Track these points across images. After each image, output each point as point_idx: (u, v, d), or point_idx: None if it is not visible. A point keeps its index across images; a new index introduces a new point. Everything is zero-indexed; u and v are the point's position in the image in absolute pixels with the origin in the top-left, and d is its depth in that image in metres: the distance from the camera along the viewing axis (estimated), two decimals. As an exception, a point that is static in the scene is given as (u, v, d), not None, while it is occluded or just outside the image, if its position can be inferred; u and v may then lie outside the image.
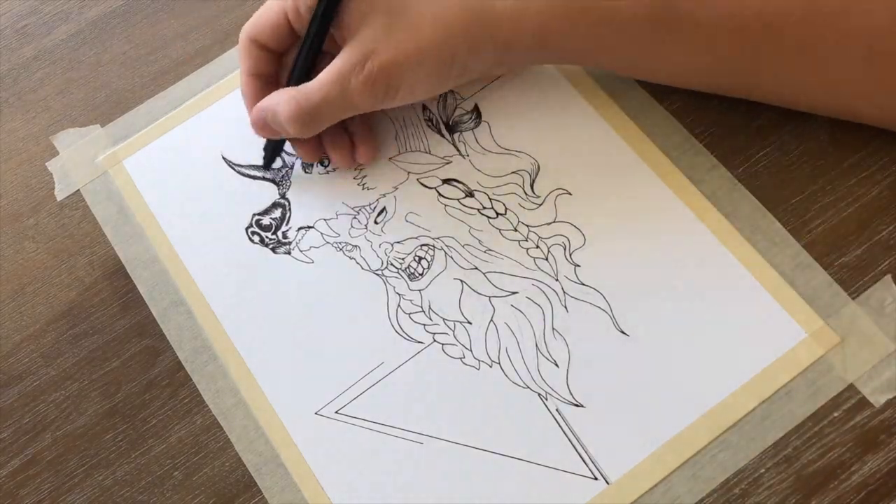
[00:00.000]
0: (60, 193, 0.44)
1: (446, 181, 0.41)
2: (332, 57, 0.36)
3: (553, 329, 0.38)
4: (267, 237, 0.41)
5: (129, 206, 0.43)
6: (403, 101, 0.36)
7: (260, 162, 0.43)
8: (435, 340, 0.39)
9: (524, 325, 0.38)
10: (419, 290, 0.39)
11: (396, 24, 0.33)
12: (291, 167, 0.43)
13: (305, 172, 0.42)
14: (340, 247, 0.41)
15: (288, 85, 0.38)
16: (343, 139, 0.40)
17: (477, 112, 0.43)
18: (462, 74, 0.36)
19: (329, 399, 0.38)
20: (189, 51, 0.46)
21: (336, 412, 0.38)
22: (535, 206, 0.40)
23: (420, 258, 0.40)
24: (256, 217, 0.42)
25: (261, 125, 0.38)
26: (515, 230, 0.40)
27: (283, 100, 0.36)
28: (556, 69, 0.43)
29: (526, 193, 0.41)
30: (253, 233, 0.42)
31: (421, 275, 0.40)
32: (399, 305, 0.39)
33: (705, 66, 0.34)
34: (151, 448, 0.38)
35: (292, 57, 0.38)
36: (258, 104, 0.38)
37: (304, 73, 0.38)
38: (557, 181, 0.41)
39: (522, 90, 0.43)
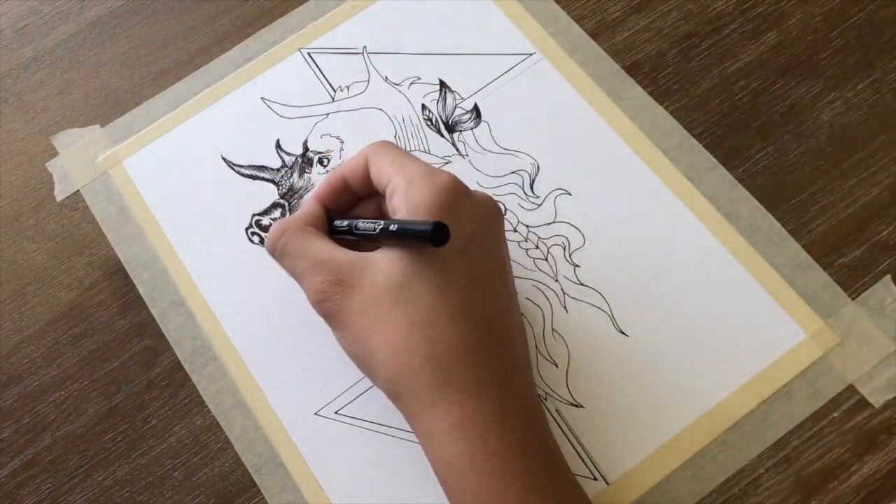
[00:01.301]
0: (60, 194, 0.44)
1: (446, 181, 0.41)
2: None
3: (553, 329, 0.38)
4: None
5: (129, 206, 0.43)
6: (334, 336, 0.34)
7: (259, 162, 0.43)
8: (435, 341, 0.38)
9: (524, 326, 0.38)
10: (419, 291, 0.39)
11: (383, 316, 0.31)
12: (291, 167, 0.43)
13: (305, 173, 0.42)
14: (340, 247, 0.41)
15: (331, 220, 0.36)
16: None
17: (477, 112, 0.43)
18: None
19: (328, 399, 0.38)
20: (189, 51, 0.46)
21: (336, 413, 0.38)
22: (534, 207, 0.40)
23: (420, 258, 0.40)
24: (256, 217, 0.42)
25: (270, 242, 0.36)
26: (515, 230, 0.40)
27: (286, 222, 0.34)
28: (555, 69, 0.43)
29: (525, 193, 0.41)
30: (253, 233, 0.42)
31: (421, 275, 0.40)
32: (399, 306, 0.39)
33: None
34: (151, 448, 0.38)
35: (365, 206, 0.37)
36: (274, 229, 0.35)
37: (337, 230, 0.35)
38: (557, 181, 0.41)
39: (522, 90, 0.43)
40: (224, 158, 0.43)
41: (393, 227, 0.31)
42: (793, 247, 0.39)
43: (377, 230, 0.32)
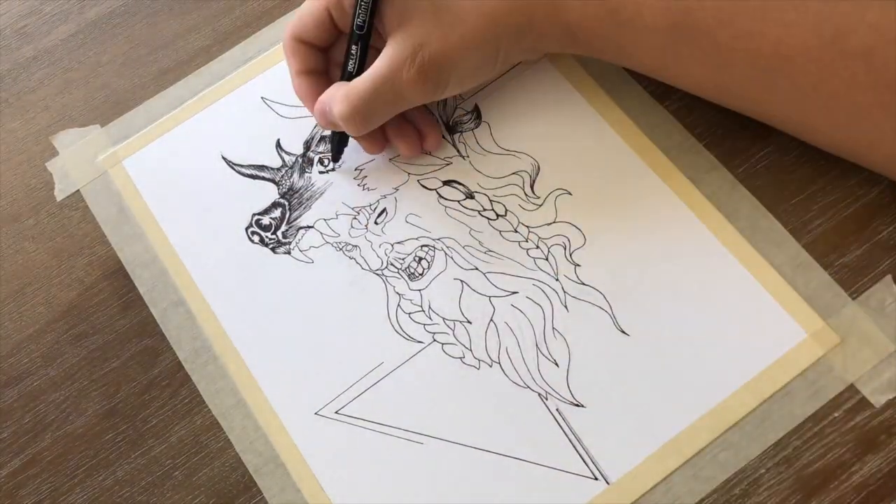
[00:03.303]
0: (60, 194, 0.44)
1: (447, 182, 0.41)
2: (377, 51, 0.36)
3: (553, 329, 0.38)
4: (267, 237, 0.41)
5: (129, 206, 0.43)
6: (452, 93, 0.36)
7: (259, 162, 0.43)
8: (435, 340, 0.38)
9: (524, 325, 0.38)
10: (419, 290, 0.39)
11: (442, 17, 0.33)
12: (291, 167, 0.43)
13: (305, 172, 0.42)
14: (340, 247, 0.41)
15: (341, 80, 0.38)
16: (408, 129, 0.40)
17: (477, 112, 0.43)
18: (505, 62, 0.37)
19: (329, 399, 0.38)
20: (189, 51, 0.46)
21: (336, 412, 0.38)
22: (535, 207, 0.40)
23: (420, 258, 0.40)
24: (256, 217, 0.42)
25: (323, 121, 0.38)
26: (516, 231, 0.40)
27: (336, 97, 0.36)
28: (555, 69, 0.43)
29: (526, 194, 0.41)
30: (253, 233, 0.42)
31: (421, 275, 0.40)
32: (399, 305, 0.39)
33: (722, 85, 0.34)
34: (151, 448, 0.38)
35: (339, 52, 0.38)
36: (319, 99, 0.38)
37: (356, 68, 0.37)
38: (557, 181, 0.41)
39: (522, 91, 0.43)
40: (224, 158, 0.43)
41: None
42: (793, 246, 0.39)
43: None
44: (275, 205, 0.42)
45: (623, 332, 0.38)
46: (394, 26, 0.35)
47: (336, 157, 0.42)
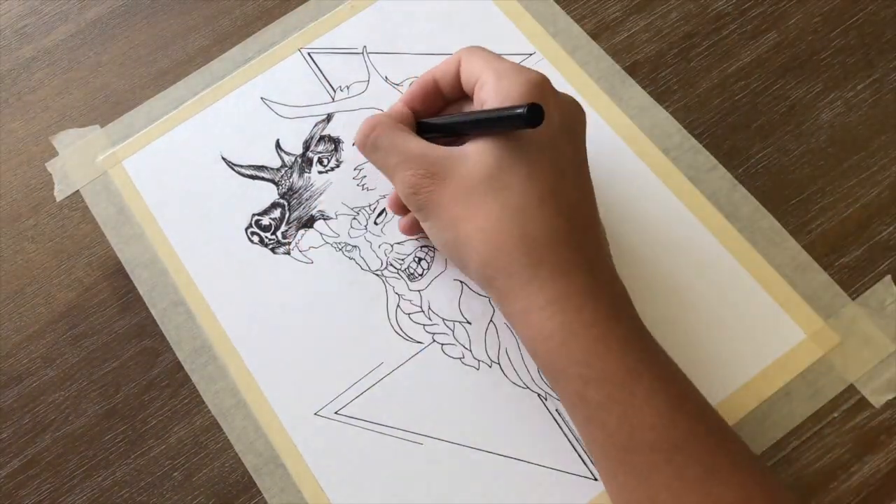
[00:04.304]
0: (60, 194, 0.44)
1: (446, 181, 0.41)
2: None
3: (553, 329, 0.38)
4: (266, 237, 0.41)
5: (129, 206, 0.43)
6: (424, 228, 0.35)
7: (259, 162, 0.43)
8: (434, 341, 0.38)
9: (524, 326, 0.38)
10: (419, 291, 0.39)
11: (475, 205, 0.32)
12: (291, 167, 0.43)
13: (305, 173, 0.42)
14: (340, 247, 0.41)
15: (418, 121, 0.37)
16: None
17: (477, 112, 0.43)
18: (467, 276, 0.37)
19: (328, 399, 0.38)
20: (189, 51, 0.46)
21: (336, 413, 0.38)
22: (534, 207, 0.40)
23: (420, 259, 0.40)
24: (256, 217, 0.42)
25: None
26: (515, 230, 0.40)
27: (378, 118, 0.35)
28: (555, 69, 0.43)
29: (526, 194, 0.41)
30: (252, 233, 0.42)
31: (421, 275, 0.40)
32: (399, 306, 0.39)
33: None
34: (151, 449, 0.38)
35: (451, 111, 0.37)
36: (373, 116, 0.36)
37: (426, 128, 0.36)
38: (557, 181, 0.41)
39: (522, 90, 0.43)
40: (224, 158, 0.43)
41: (486, 116, 0.32)
42: (793, 247, 0.39)
43: (468, 121, 0.33)
44: (274, 205, 0.42)
45: (623, 332, 0.38)
46: (466, 153, 0.33)
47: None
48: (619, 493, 0.31)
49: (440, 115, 0.37)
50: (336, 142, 0.43)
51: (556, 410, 0.37)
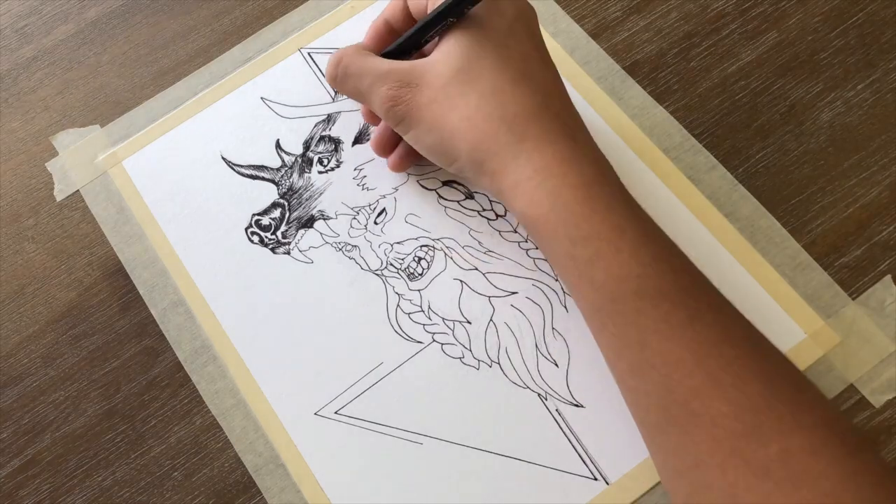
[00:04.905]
0: (60, 194, 0.44)
1: (446, 183, 0.41)
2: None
3: (553, 329, 0.38)
4: (266, 237, 0.41)
5: (129, 206, 0.43)
6: (408, 140, 0.37)
7: (259, 162, 0.43)
8: (434, 340, 0.38)
9: (524, 325, 0.38)
10: (419, 290, 0.39)
11: (453, 98, 0.34)
12: (291, 167, 0.43)
13: (305, 173, 0.42)
14: (340, 247, 0.41)
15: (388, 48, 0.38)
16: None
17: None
18: (458, 174, 0.38)
19: (328, 399, 0.38)
20: (188, 51, 0.46)
21: (335, 412, 0.38)
22: (534, 207, 0.40)
23: (420, 258, 0.40)
24: (256, 217, 0.42)
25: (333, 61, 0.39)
26: (515, 231, 0.40)
27: (342, 50, 0.37)
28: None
29: (526, 194, 0.41)
30: (252, 233, 0.42)
31: (421, 275, 0.40)
32: (398, 305, 0.39)
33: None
34: (151, 449, 0.38)
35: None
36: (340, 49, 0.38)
37: (397, 50, 0.38)
38: (557, 181, 0.41)
39: (522, 90, 0.43)
40: (224, 158, 0.43)
41: (441, 8, 0.34)
42: (793, 247, 0.39)
43: (421, 25, 0.35)
44: (274, 205, 0.42)
45: (623, 332, 0.38)
46: (432, 55, 0.35)
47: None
48: (609, 343, 0.33)
49: None
50: (336, 142, 0.43)
51: (556, 410, 0.37)
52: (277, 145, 0.43)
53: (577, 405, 0.37)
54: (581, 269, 0.32)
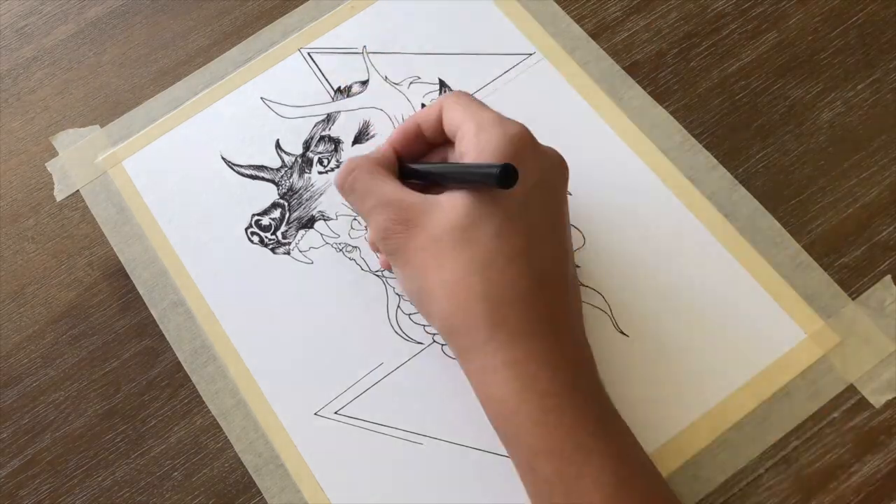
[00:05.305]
0: (60, 194, 0.44)
1: (446, 182, 0.41)
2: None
3: (553, 329, 0.38)
4: (266, 237, 0.41)
5: (129, 206, 0.43)
6: (395, 275, 0.35)
7: (259, 162, 0.43)
8: (434, 341, 0.38)
9: (524, 326, 0.38)
10: (419, 291, 0.39)
11: (443, 254, 0.31)
12: (291, 167, 0.43)
13: (305, 173, 0.42)
14: (340, 247, 0.41)
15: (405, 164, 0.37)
16: None
17: (477, 112, 0.43)
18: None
19: (328, 400, 0.38)
20: (188, 51, 0.46)
21: (336, 413, 0.38)
22: (534, 207, 0.40)
23: (420, 258, 0.40)
24: (256, 217, 0.42)
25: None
26: (515, 230, 0.40)
27: (358, 161, 0.35)
28: (555, 70, 0.43)
29: (526, 194, 0.41)
30: (252, 233, 0.41)
31: (421, 275, 0.40)
32: (399, 306, 0.39)
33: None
34: (151, 449, 0.38)
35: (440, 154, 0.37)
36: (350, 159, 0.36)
37: (408, 173, 0.36)
38: (557, 181, 0.41)
39: (522, 90, 0.43)
40: (224, 158, 0.43)
41: (460, 170, 0.32)
42: (793, 247, 0.39)
43: (444, 172, 0.33)
44: (274, 205, 0.42)
45: (622, 332, 0.38)
46: (439, 201, 0.32)
47: None
48: None
49: (424, 158, 0.37)
50: (336, 142, 0.43)
51: (556, 410, 0.37)
52: (277, 145, 0.43)
53: (577, 405, 0.37)
54: (539, 485, 0.30)
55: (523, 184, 0.31)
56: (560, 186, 0.34)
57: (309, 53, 0.45)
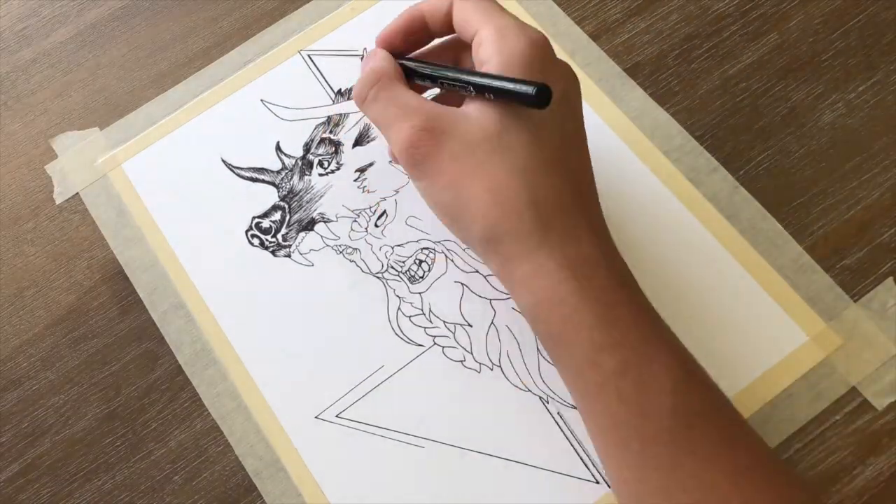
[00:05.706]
0: (59, 197, 0.43)
1: (447, 184, 0.41)
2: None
3: (554, 332, 0.38)
4: (267, 240, 0.41)
5: (129, 209, 0.43)
6: (418, 190, 0.34)
7: (259, 164, 0.43)
8: (435, 343, 0.38)
9: (525, 328, 0.38)
10: (420, 293, 0.39)
11: (481, 164, 0.31)
12: (291, 169, 0.43)
13: (305, 175, 0.42)
14: (340, 250, 0.41)
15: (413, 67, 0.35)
16: None
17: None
18: (462, 241, 0.36)
19: (329, 403, 0.38)
20: (188, 53, 0.46)
21: (336, 416, 0.37)
22: (535, 209, 0.40)
23: (420, 261, 0.40)
24: (256, 220, 0.42)
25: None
26: (516, 233, 0.40)
27: (380, 71, 0.34)
28: (556, 71, 0.43)
29: (527, 196, 0.41)
30: (253, 236, 0.41)
31: (422, 278, 0.40)
32: (399, 308, 0.39)
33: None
34: (151, 452, 0.38)
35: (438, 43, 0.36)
36: (375, 54, 0.35)
37: (414, 74, 0.35)
38: (558, 184, 0.41)
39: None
40: (224, 161, 0.43)
41: (493, 84, 0.31)
42: (794, 249, 0.39)
43: (474, 86, 0.31)
44: (275, 208, 0.42)
45: (624, 334, 0.37)
46: (467, 112, 0.32)
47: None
48: (632, 463, 0.30)
49: (424, 51, 0.36)
50: (337, 144, 0.43)
51: (558, 413, 0.37)
52: (277, 148, 0.43)
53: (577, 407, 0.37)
54: (605, 378, 0.30)
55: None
56: (578, 98, 0.34)
57: (309, 55, 0.45)
